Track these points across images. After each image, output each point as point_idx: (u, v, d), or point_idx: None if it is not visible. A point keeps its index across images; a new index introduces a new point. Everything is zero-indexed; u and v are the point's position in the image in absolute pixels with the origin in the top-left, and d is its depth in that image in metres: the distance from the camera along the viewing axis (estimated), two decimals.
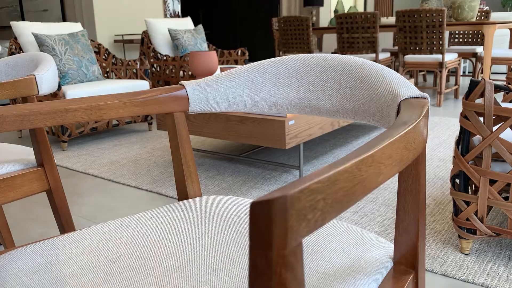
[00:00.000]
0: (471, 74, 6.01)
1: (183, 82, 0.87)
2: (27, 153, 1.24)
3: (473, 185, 1.57)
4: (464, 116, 1.44)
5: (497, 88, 1.40)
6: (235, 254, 0.65)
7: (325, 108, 0.78)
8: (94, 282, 0.59)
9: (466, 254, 1.52)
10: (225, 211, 0.80)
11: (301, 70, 0.80)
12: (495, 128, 1.58)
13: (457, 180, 1.66)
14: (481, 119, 1.56)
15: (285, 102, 0.83)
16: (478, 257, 1.49)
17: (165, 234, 0.72)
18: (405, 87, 0.63)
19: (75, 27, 3.46)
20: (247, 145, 2.95)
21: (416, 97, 0.60)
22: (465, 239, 1.51)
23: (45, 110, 0.70)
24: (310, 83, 0.79)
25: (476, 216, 1.46)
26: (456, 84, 4.36)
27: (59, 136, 2.95)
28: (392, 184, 2.15)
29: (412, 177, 0.58)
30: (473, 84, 1.42)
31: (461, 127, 1.46)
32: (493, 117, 1.40)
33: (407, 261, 0.63)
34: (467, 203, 1.48)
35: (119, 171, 2.53)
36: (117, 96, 0.79)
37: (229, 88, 0.85)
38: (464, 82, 5.65)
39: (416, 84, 4.53)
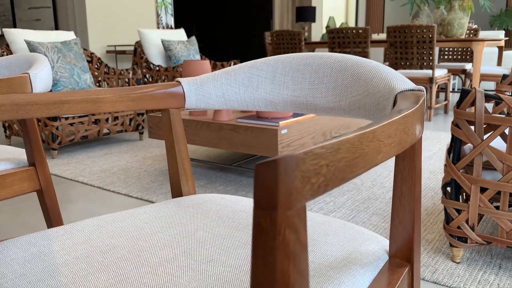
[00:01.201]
0: (460, 90, 6.10)
1: (179, 78, 0.87)
2: (18, 153, 1.23)
3: (464, 194, 1.58)
4: (455, 125, 1.46)
5: (488, 97, 1.42)
6: (230, 247, 0.64)
7: (320, 105, 0.78)
8: (88, 271, 0.58)
9: (457, 263, 1.52)
10: (220, 208, 0.80)
11: (297, 68, 0.81)
12: (485, 136, 1.60)
13: (449, 189, 1.67)
14: (472, 127, 1.58)
15: (281, 100, 0.83)
16: (469, 265, 1.50)
17: (159, 227, 0.72)
18: (401, 81, 0.64)
19: (68, 35, 3.46)
20: (239, 155, 2.95)
21: (412, 90, 0.61)
22: (456, 247, 1.52)
23: (41, 101, 0.70)
24: (306, 80, 0.80)
25: (467, 224, 1.47)
26: (446, 99, 4.41)
27: (49, 143, 2.92)
28: (383, 195, 2.16)
29: (408, 168, 0.59)
30: (464, 93, 1.44)
31: (452, 135, 1.48)
32: (484, 126, 1.42)
33: (403, 254, 0.63)
34: (458, 211, 1.49)
35: (109, 179, 2.51)
36: (113, 91, 0.79)
37: (226, 85, 0.85)
38: (454, 98, 5.72)
39: None
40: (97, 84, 3.57)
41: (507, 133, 1.45)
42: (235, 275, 0.56)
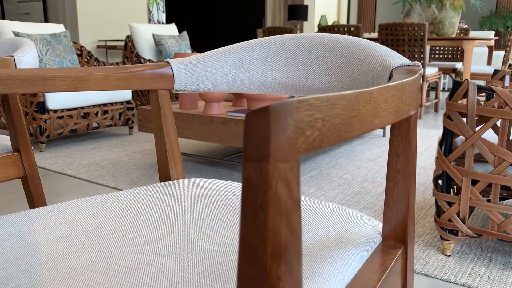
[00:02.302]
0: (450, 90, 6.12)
1: (168, 59, 0.85)
2: (2, 139, 1.20)
3: (456, 186, 1.57)
4: (447, 117, 1.45)
5: (480, 89, 1.41)
6: (219, 227, 0.62)
7: (313, 87, 0.77)
8: (69, 249, 0.55)
9: (448, 256, 1.51)
10: (209, 191, 0.78)
11: (290, 49, 0.79)
12: (477, 128, 1.60)
13: (440, 181, 1.66)
14: (464, 120, 1.57)
15: (273, 82, 0.81)
16: (460, 258, 1.49)
17: (145, 209, 0.69)
18: (396, 58, 0.62)
19: (57, 28, 3.41)
20: (230, 149, 2.93)
21: (408, 65, 0.59)
22: (447, 240, 1.51)
23: (24, 76, 0.67)
24: (299, 61, 0.78)
25: (458, 216, 1.46)
26: (436, 98, 4.43)
27: (37, 137, 2.88)
28: (374, 189, 2.15)
29: (403, 146, 0.57)
30: (457, 85, 1.43)
31: (444, 127, 1.47)
32: (476, 118, 1.41)
33: (396, 236, 0.61)
34: (450, 204, 1.48)
35: (98, 172, 2.47)
36: (100, 69, 0.76)
37: (216, 66, 0.83)
38: (444, 96, 5.75)
39: None
40: None
41: (498, 126, 1.44)
42: (224, 253, 0.54)
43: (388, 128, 3.66)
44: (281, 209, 0.27)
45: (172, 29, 4.41)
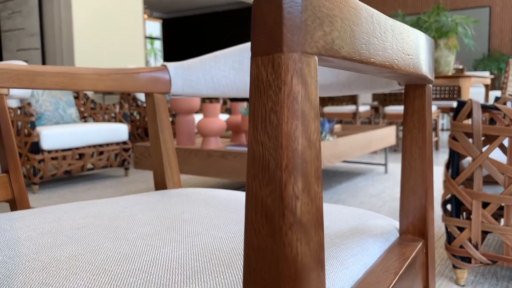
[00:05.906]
0: (449, 130, 6.13)
1: (165, 62, 0.82)
2: None
3: (465, 212, 1.51)
4: (452, 138, 1.41)
5: (484, 108, 1.38)
6: (220, 224, 0.57)
7: (318, 84, 0.73)
8: (54, 243, 0.50)
9: (462, 286, 1.43)
10: (208, 197, 0.73)
11: None
12: (484, 148, 1.56)
13: (449, 206, 1.60)
14: (470, 140, 1.53)
15: None
16: None
17: (139, 210, 0.64)
18: None
19: None
20: (228, 186, 2.87)
21: None
22: (460, 268, 1.43)
23: (12, 70, 0.63)
24: None
25: (470, 242, 1.39)
26: (436, 136, 4.42)
27: (30, 178, 2.82)
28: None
29: (418, 126, 0.53)
30: (460, 105, 1.40)
31: (450, 149, 1.43)
32: (482, 139, 1.37)
33: (415, 229, 0.55)
34: (460, 230, 1.41)
35: None
36: (95, 69, 0.73)
37: (215, 69, 0.80)
38: (443, 135, 5.75)
39: (397, 136, 4.56)
40: (83, 119, 3.51)
41: (506, 145, 1.40)
42: (227, 244, 0.48)
43: (389, 164, 3.61)
44: (297, 111, 0.22)
45: None
